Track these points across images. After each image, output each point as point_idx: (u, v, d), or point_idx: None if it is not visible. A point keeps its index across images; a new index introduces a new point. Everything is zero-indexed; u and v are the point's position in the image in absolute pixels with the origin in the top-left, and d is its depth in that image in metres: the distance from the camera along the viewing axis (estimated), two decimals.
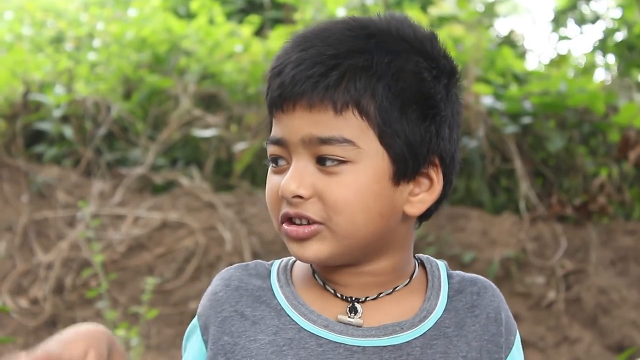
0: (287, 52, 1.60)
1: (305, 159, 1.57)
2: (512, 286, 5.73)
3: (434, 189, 1.62)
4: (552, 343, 5.46)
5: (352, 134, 1.55)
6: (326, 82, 1.55)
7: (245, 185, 6.71)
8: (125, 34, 7.58)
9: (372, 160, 1.56)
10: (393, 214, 1.60)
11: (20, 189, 6.64)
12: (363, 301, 1.64)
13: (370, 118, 1.55)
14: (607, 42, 7.70)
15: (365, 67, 1.56)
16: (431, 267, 1.73)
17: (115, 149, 7.15)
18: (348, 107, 1.55)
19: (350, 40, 1.58)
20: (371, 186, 1.57)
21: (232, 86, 7.22)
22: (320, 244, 1.57)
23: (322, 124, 1.55)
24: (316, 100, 1.55)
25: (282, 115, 1.58)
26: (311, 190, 1.56)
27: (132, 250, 6.20)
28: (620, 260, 5.87)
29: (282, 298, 1.64)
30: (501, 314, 1.70)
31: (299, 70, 1.56)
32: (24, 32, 8.19)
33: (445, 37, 6.93)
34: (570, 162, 6.52)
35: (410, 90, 1.58)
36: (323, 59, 1.56)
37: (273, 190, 1.60)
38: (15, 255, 6.23)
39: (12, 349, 5.56)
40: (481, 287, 1.72)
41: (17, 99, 7.18)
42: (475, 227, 6.04)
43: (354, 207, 1.55)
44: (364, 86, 1.55)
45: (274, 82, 1.58)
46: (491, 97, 6.46)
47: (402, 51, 1.59)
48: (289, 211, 1.57)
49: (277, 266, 1.71)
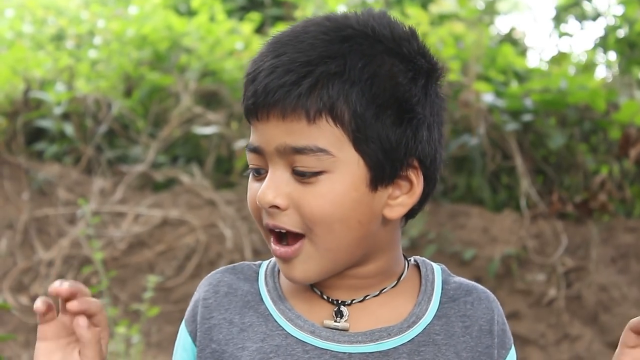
0: (262, 58, 1.57)
1: (281, 168, 1.54)
2: (512, 283, 5.73)
3: (414, 191, 1.59)
4: (553, 340, 5.46)
5: (326, 143, 1.52)
6: (298, 90, 1.51)
7: (245, 182, 6.68)
8: (126, 32, 7.58)
9: (348, 168, 1.53)
10: (372, 219, 1.57)
11: (21, 186, 6.64)
12: (349, 304, 1.62)
13: (345, 125, 1.52)
14: (608, 40, 7.70)
15: (338, 73, 1.52)
16: (426, 271, 1.68)
17: (116, 146, 7.15)
18: (321, 115, 1.52)
19: (324, 45, 1.55)
20: (348, 195, 1.53)
21: (232, 84, 7.22)
22: (306, 264, 1.55)
23: (296, 134, 1.52)
24: (289, 109, 1.52)
25: (258, 123, 1.55)
26: (287, 200, 1.53)
27: (133, 247, 6.20)
28: (621, 257, 5.87)
29: (270, 303, 1.63)
30: (494, 326, 1.66)
31: (271, 78, 1.53)
32: (24, 29, 8.19)
33: (445, 35, 6.95)
34: (571, 159, 6.52)
35: (385, 95, 1.54)
36: (295, 66, 1.53)
37: (252, 198, 1.58)
38: (16, 253, 6.24)
39: (13, 346, 5.56)
40: (476, 298, 1.67)
41: (17, 97, 7.18)
42: (476, 225, 6.04)
43: (331, 218, 1.52)
44: (337, 93, 1.52)
45: (249, 89, 1.56)
46: (492, 94, 6.46)
47: (376, 54, 1.55)
48: (268, 222, 1.55)
49: (265, 268, 1.69)
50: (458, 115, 6.44)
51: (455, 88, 6.46)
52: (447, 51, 6.68)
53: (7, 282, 6.03)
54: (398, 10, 7.97)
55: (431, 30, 7.02)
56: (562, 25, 8.56)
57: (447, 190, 6.46)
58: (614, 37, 7.64)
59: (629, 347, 1.54)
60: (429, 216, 6.04)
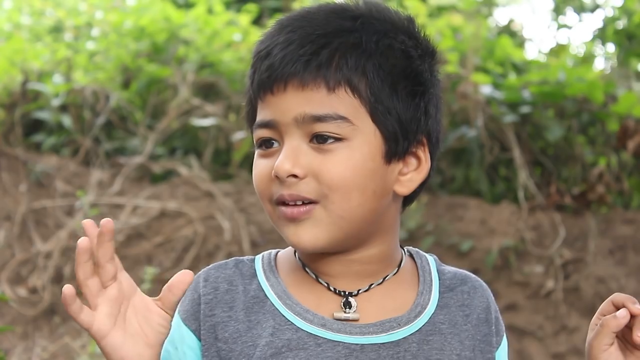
0: (273, 36, 1.60)
1: (298, 138, 1.56)
2: (510, 275, 5.73)
3: (422, 168, 1.63)
4: (551, 332, 5.47)
5: (345, 111, 1.55)
6: (318, 60, 1.55)
7: (243, 174, 6.71)
8: (124, 23, 7.57)
9: (366, 137, 1.56)
10: (385, 193, 1.60)
11: (19, 178, 6.64)
12: (356, 294, 1.63)
13: (362, 96, 1.55)
14: (607, 31, 7.69)
15: (355, 45, 1.56)
16: (421, 262, 1.71)
17: (114, 138, 7.14)
18: (340, 84, 1.55)
19: (337, 20, 1.59)
20: (366, 164, 1.56)
21: (230, 75, 7.21)
22: (316, 228, 1.56)
23: (316, 102, 1.55)
24: (309, 79, 1.55)
25: (271, 98, 1.57)
26: (306, 169, 1.55)
27: (131, 239, 6.20)
28: (619, 249, 5.87)
29: (275, 298, 1.62)
30: (491, 314, 1.70)
31: (289, 50, 1.56)
32: (22, 21, 8.18)
33: (444, 27, 6.94)
34: (569, 151, 6.51)
35: (400, 68, 1.59)
36: (312, 38, 1.56)
37: (262, 173, 1.61)
38: (14, 245, 6.24)
39: (11, 337, 5.57)
40: (471, 287, 1.71)
41: (15, 88, 7.17)
42: (474, 216, 6.04)
43: (350, 185, 1.55)
44: (354, 64, 1.55)
45: (262, 64, 1.58)
46: (490, 86, 6.45)
47: (388, 30, 1.60)
48: (284, 193, 1.56)
49: (261, 263, 1.68)
50: (456, 107, 6.44)
51: (454, 80, 6.45)
52: (445, 43, 6.68)
53: (5, 273, 6.03)
54: (396, 2, 7.96)
55: (429, 22, 7.01)
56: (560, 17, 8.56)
57: (445, 182, 6.45)
58: (612, 29, 7.64)
59: (603, 315, 1.64)
60: (426, 208, 6.04)
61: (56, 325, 5.77)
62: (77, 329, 5.65)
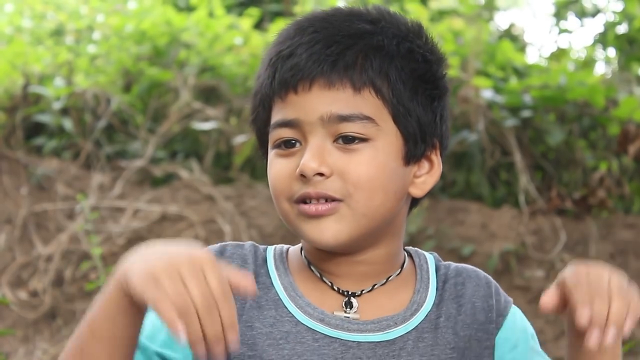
0: (293, 36, 1.61)
1: (322, 137, 1.57)
2: (511, 280, 5.73)
3: (435, 171, 1.66)
4: (552, 336, 5.47)
5: (370, 112, 1.57)
6: (345, 60, 1.57)
7: (244, 178, 6.71)
8: (125, 27, 7.57)
9: (389, 138, 1.59)
10: (402, 194, 1.63)
11: (20, 181, 6.64)
12: (359, 295, 1.65)
13: (385, 97, 1.58)
14: (608, 36, 7.69)
15: (378, 48, 1.59)
16: (419, 261, 1.73)
17: (115, 141, 7.14)
18: (366, 85, 1.57)
19: (358, 23, 1.61)
20: (389, 164, 1.59)
21: (232, 79, 7.21)
22: (339, 224, 1.57)
23: (342, 102, 1.57)
24: (335, 78, 1.56)
25: (294, 97, 1.58)
26: (332, 168, 1.56)
27: (132, 242, 6.20)
28: (620, 253, 5.87)
29: (281, 288, 1.64)
30: (486, 302, 1.71)
31: (315, 50, 1.58)
32: (24, 24, 8.18)
33: (445, 31, 6.95)
34: (570, 155, 6.51)
35: (420, 71, 1.62)
36: (338, 39, 1.58)
37: (283, 172, 1.60)
38: (15, 248, 6.23)
39: (12, 341, 5.57)
40: (466, 277, 1.73)
41: (16, 91, 7.17)
42: (475, 221, 6.04)
43: (375, 184, 1.57)
44: (379, 66, 1.58)
45: (285, 63, 1.59)
46: (491, 90, 6.46)
47: (406, 35, 1.63)
48: (310, 191, 1.57)
49: (273, 253, 1.70)
50: (457, 111, 6.44)
51: (455, 84, 6.45)
52: (446, 47, 6.68)
53: (6, 277, 6.03)
54: (397, 6, 7.96)
55: (430, 26, 7.00)
56: (561, 22, 8.56)
57: (446, 186, 6.45)
58: (613, 34, 7.64)
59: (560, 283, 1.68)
60: (427, 212, 6.04)
61: (57, 328, 5.77)
62: None
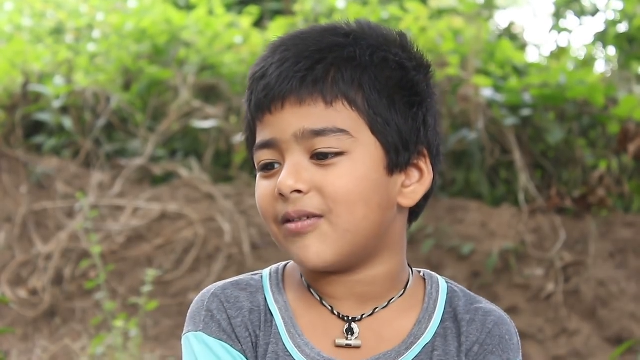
0: (267, 57, 1.61)
1: (299, 155, 1.56)
2: (511, 278, 5.73)
3: (425, 179, 1.64)
4: (551, 335, 5.47)
5: (344, 124, 1.55)
6: (314, 75, 1.55)
7: (244, 176, 6.71)
8: (124, 25, 7.57)
9: (367, 149, 1.57)
10: (389, 206, 1.60)
11: (20, 179, 6.64)
12: (359, 319, 1.62)
13: (360, 108, 1.56)
14: (608, 34, 7.69)
15: (349, 59, 1.57)
16: (431, 288, 1.68)
17: (115, 140, 7.15)
18: (338, 98, 1.55)
19: (330, 37, 1.60)
20: (369, 175, 1.56)
21: (231, 77, 7.21)
22: (322, 243, 1.56)
23: (314, 117, 1.55)
24: (305, 94, 1.55)
25: (270, 117, 1.58)
26: (309, 184, 1.55)
27: (131, 241, 6.20)
28: (619, 252, 5.87)
29: (282, 324, 1.63)
30: (488, 356, 1.64)
31: (284, 68, 1.56)
32: (23, 23, 8.18)
33: (444, 29, 6.94)
34: (569, 154, 6.52)
35: (395, 79, 1.59)
36: (307, 54, 1.57)
37: (265, 193, 1.60)
38: (15, 246, 6.24)
39: (11, 339, 5.57)
40: (475, 317, 1.65)
41: (16, 90, 7.18)
42: (475, 219, 6.04)
43: (354, 197, 1.55)
44: (350, 77, 1.56)
45: (258, 85, 1.58)
46: (491, 89, 6.46)
47: (381, 44, 1.61)
48: (289, 211, 1.56)
49: (269, 282, 1.67)
50: (457, 109, 6.44)
51: (454, 82, 6.46)
52: (446, 46, 6.68)
53: (6, 275, 6.03)
54: (397, 5, 7.97)
55: (430, 25, 7.02)
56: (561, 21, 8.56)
57: (446, 185, 6.45)
58: (613, 32, 7.64)
59: None
60: (427, 210, 6.01)
61: (56, 326, 5.77)
62: (77, 331, 5.65)
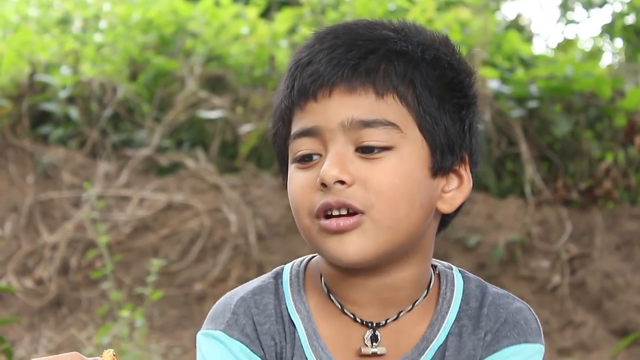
0: (312, 44, 1.55)
1: (344, 145, 1.50)
2: (517, 270, 5.73)
3: (464, 186, 1.60)
4: (557, 327, 5.47)
5: (394, 118, 1.50)
6: (366, 64, 1.50)
7: (250, 167, 6.71)
8: (131, 16, 7.57)
9: (414, 146, 1.52)
10: (429, 208, 1.56)
11: (26, 169, 6.64)
12: (384, 324, 1.58)
13: (410, 104, 1.51)
14: (615, 27, 7.68)
15: (402, 53, 1.53)
16: (445, 288, 1.63)
17: (121, 130, 7.15)
18: (389, 91, 1.51)
19: (381, 30, 1.55)
20: (414, 173, 1.51)
21: (238, 68, 7.21)
22: (363, 238, 1.50)
23: (364, 108, 1.50)
24: (357, 83, 1.50)
25: (314, 104, 1.52)
26: (353, 176, 1.49)
27: (137, 231, 6.21)
28: (625, 244, 5.86)
29: (304, 336, 1.59)
30: (490, 334, 1.61)
31: (335, 54, 1.51)
32: (30, 13, 8.18)
33: (451, 21, 6.93)
34: (576, 146, 6.51)
35: (446, 79, 1.56)
36: (359, 43, 1.52)
37: (302, 183, 1.53)
38: (21, 236, 6.25)
39: (17, 329, 5.58)
40: (489, 309, 1.62)
41: (23, 80, 7.18)
42: (481, 211, 6.03)
43: (399, 193, 1.49)
44: (403, 71, 1.51)
45: (304, 71, 1.52)
46: (497, 80, 6.45)
47: (431, 43, 1.57)
48: (330, 200, 1.49)
49: (289, 288, 1.62)
50: None
51: None
52: (453, 37, 6.61)
53: (12, 265, 6.05)
54: None
55: (437, 16, 7.00)
56: (568, 12, 8.54)
57: None
58: (620, 24, 7.63)
59: None
60: None
61: (62, 316, 5.78)
62: (83, 321, 5.67)
